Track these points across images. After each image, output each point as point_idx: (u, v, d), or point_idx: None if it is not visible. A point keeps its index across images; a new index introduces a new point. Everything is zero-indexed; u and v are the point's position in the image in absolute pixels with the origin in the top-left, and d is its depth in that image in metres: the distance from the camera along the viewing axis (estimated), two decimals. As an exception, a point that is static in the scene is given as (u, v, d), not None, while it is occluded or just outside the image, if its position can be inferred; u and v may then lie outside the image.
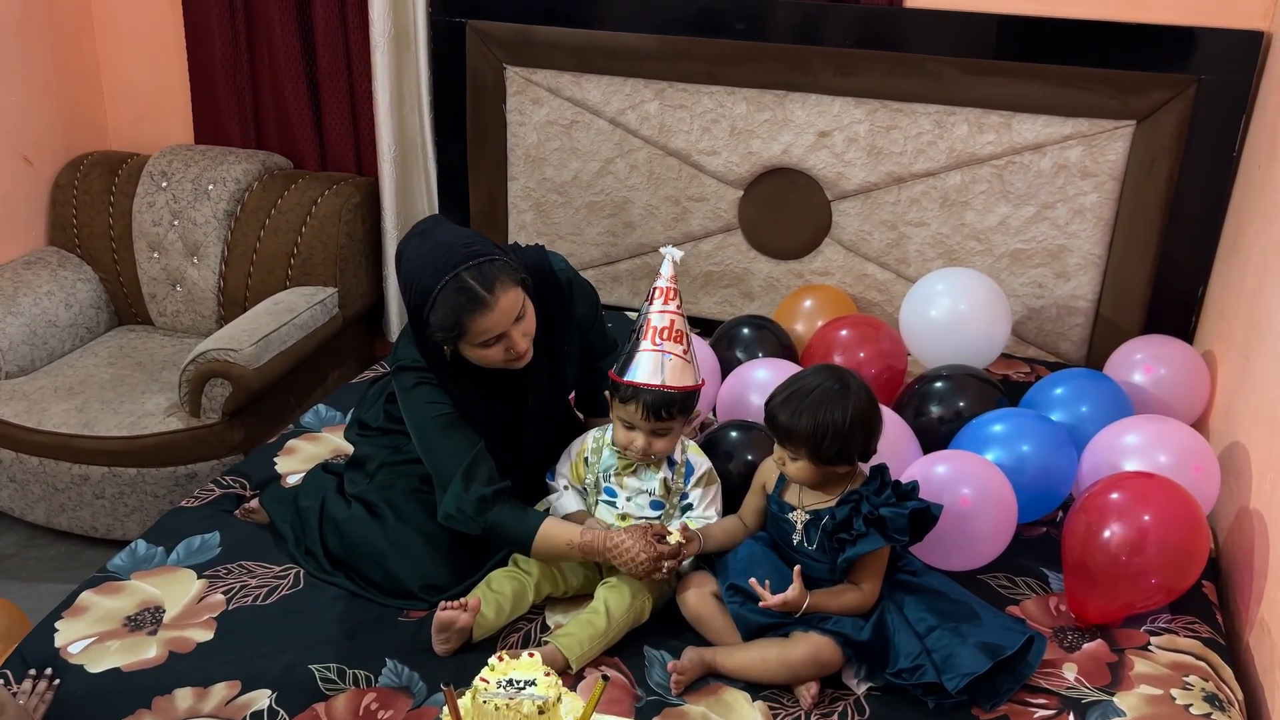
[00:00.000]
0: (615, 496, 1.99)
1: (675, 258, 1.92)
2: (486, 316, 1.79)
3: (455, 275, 1.77)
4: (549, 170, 3.11)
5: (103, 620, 1.88)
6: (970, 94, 2.71)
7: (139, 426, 2.81)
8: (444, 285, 1.78)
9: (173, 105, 3.48)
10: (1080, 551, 1.93)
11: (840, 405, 1.77)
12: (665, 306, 1.89)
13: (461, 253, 1.80)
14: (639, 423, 1.89)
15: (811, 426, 1.77)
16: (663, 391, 1.86)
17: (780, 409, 1.81)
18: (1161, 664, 1.84)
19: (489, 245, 1.85)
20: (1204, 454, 2.14)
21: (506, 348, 1.84)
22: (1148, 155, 2.64)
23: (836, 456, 1.80)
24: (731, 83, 2.87)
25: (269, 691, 1.73)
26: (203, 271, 3.27)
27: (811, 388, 1.80)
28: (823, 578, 1.85)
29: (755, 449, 2.15)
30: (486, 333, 1.81)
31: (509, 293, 1.80)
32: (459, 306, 1.78)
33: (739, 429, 2.20)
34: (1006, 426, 2.19)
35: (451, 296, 1.78)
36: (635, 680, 1.80)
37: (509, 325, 1.82)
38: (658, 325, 1.88)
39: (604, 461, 2.00)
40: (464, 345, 1.84)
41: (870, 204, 2.89)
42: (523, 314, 1.85)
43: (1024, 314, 2.86)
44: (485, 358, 1.85)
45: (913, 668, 1.74)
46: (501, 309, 1.80)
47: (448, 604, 1.81)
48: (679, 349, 1.88)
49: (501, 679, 1.53)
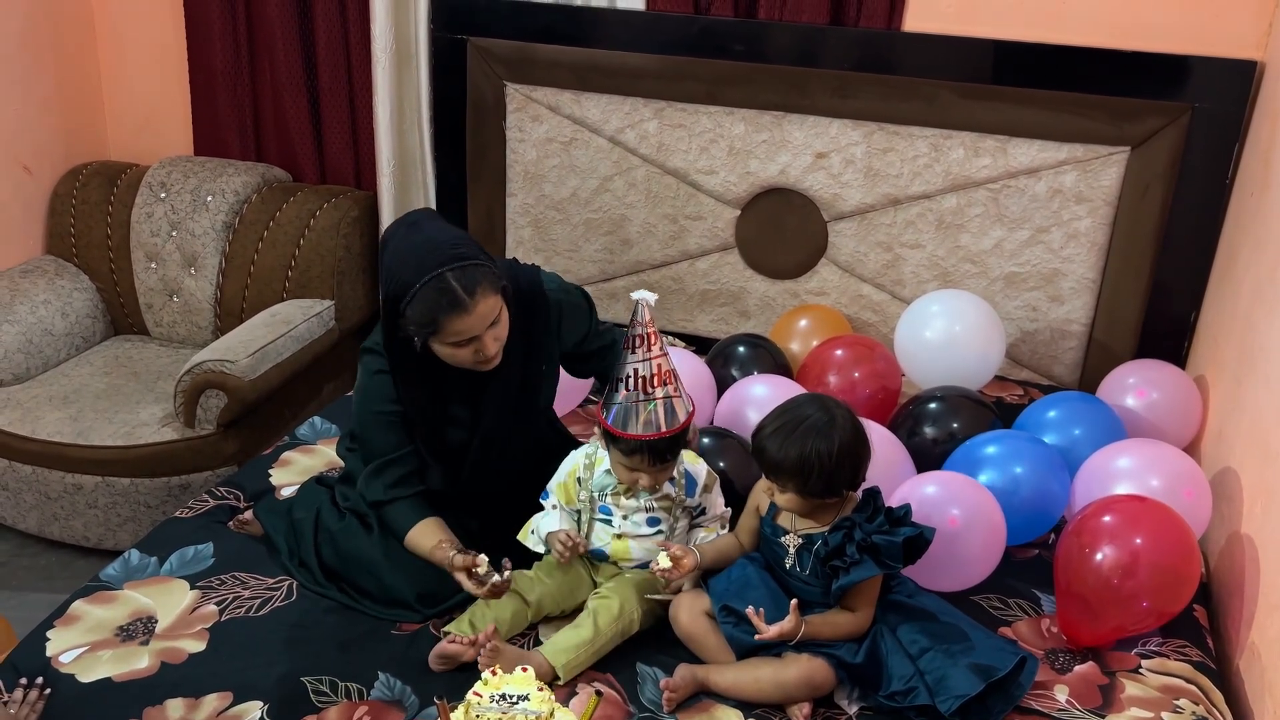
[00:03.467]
0: (611, 515, 1.99)
1: (649, 301, 1.88)
2: (463, 319, 1.79)
3: (438, 274, 1.78)
4: (547, 187, 3.13)
5: (95, 630, 1.88)
6: (966, 118, 2.73)
7: (133, 436, 2.81)
8: (425, 283, 1.78)
9: (173, 116, 3.50)
10: (1072, 574, 1.94)
11: (826, 438, 1.76)
12: (649, 354, 1.86)
13: (448, 253, 1.80)
14: (644, 469, 1.90)
15: (798, 460, 1.75)
16: (664, 438, 1.86)
17: (768, 441, 1.79)
18: (1152, 687, 1.85)
19: (475, 249, 1.85)
20: (1196, 479, 2.15)
21: (476, 350, 1.85)
22: (1142, 181, 2.67)
23: (823, 490, 1.79)
24: (730, 103, 2.89)
25: (261, 703, 1.73)
26: (200, 282, 3.27)
27: (798, 420, 1.78)
28: (815, 601, 1.85)
29: (725, 456, 2.18)
30: (460, 334, 1.81)
31: (488, 298, 1.81)
32: (437, 306, 1.78)
33: (713, 436, 2.21)
34: (1000, 448, 2.20)
35: (431, 295, 1.78)
36: (627, 697, 1.80)
37: (483, 329, 1.83)
38: (646, 375, 1.85)
39: (598, 480, 1.99)
40: (435, 342, 1.85)
41: (866, 225, 2.91)
42: (498, 320, 1.85)
43: (1018, 337, 2.88)
44: (454, 356, 1.86)
45: (906, 690, 1.74)
46: (479, 313, 1.80)
47: (456, 637, 1.81)
48: (669, 389, 1.87)
49: (495, 693, 1.54)
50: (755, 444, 1.83)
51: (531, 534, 2.01)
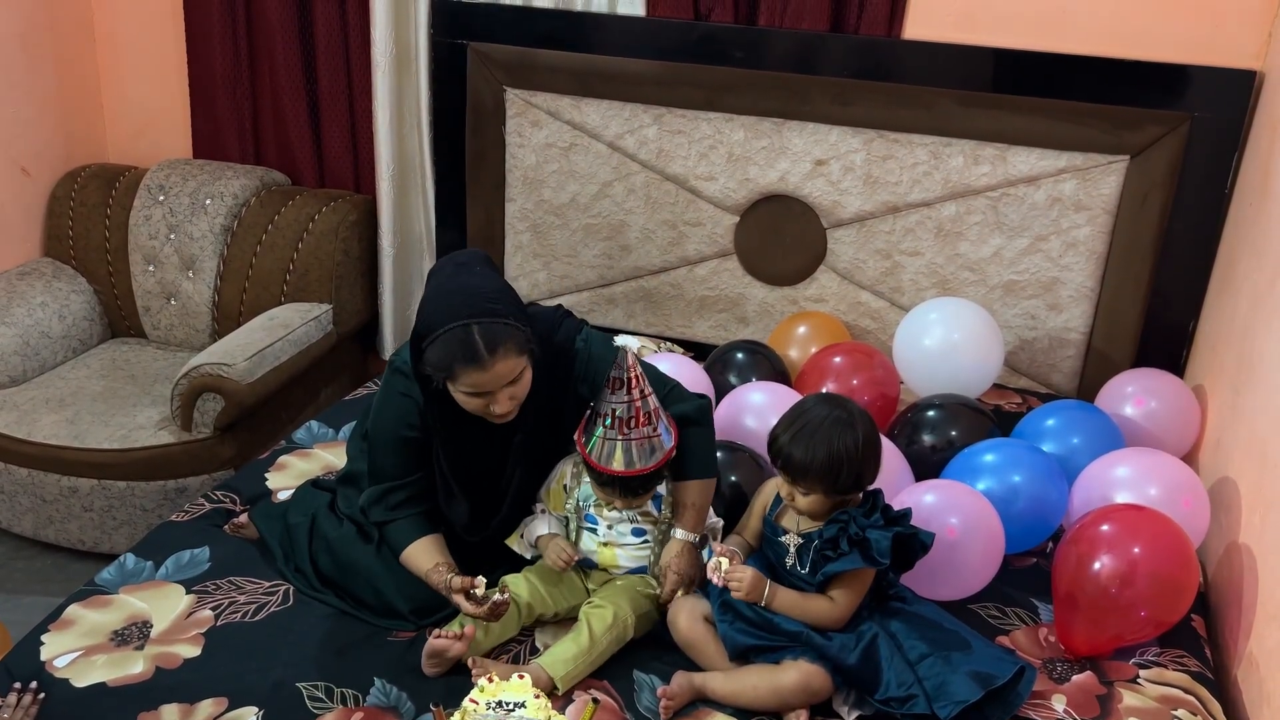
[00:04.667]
0: (597, 524, 1.99)
1: (632, 349, 1.92)
2: (478, 374, 1.77)
3: (465, 324, 1.76)
4: (547, 192, 3.13)
5: (90, 634, 1.87)
6: (966, 126, 2.74)
7: (130, 439, 2.81)
8: (449, 329, 1.77)
9: (172, 119, 3.49)
10: (1070, 583, 1.94)
11: (850, 433, 1.78)
12: (628, 397, 1.87)
13: (482, 305, 1.78)
14: (617, 499, 1.93)
15: (826, 459, 1.76)
16: (637, 476, 1.88)
17: (793, 446, 1.79)
18: (1150, 697, 1.85)
19: (512, 307, 1.83)
20: (1194, 488, 2.15)
21: (489, 404, 1.83)
22: (1141, 190, 2.67)
23: (852, 486, 1.81)
24: (730, 110, 2.89)
25: (256, 709, 1.72)
26: (198, 286, 3.27)
27: (819, 420, 1.79)
28: (816, 600, 1.86)
29: (740, 470, 2.18)
30: (474, 386, 1.80)
31: (509, 359, 1.78)
32: (455, 355, 1.77)
33: (724, 450, 2.21)
34: (998, 456, 2.20)
35: (452, 343, 1.77)
36: (624, 704, 1.79)
37: (498, 387, 1.81)
38: (623, 416, 1.87)
39: (583, 490, 2.00)
40: (450, 385, 1.84)
41: (865, 232, 2.91)
42: (517, 380, 1.83)
43: (1016, 345, 2.88)
44: (466, 403, 1.84)
45: (905, 697, 1.74)
46: (496, 372, 1.78)
47: (441, 632, 1.81)
48: (646, 430, 1.88)
49: (491, 700, 1.54)
50: (777, 450, 1.82)
51: (520, 538, 2.02)
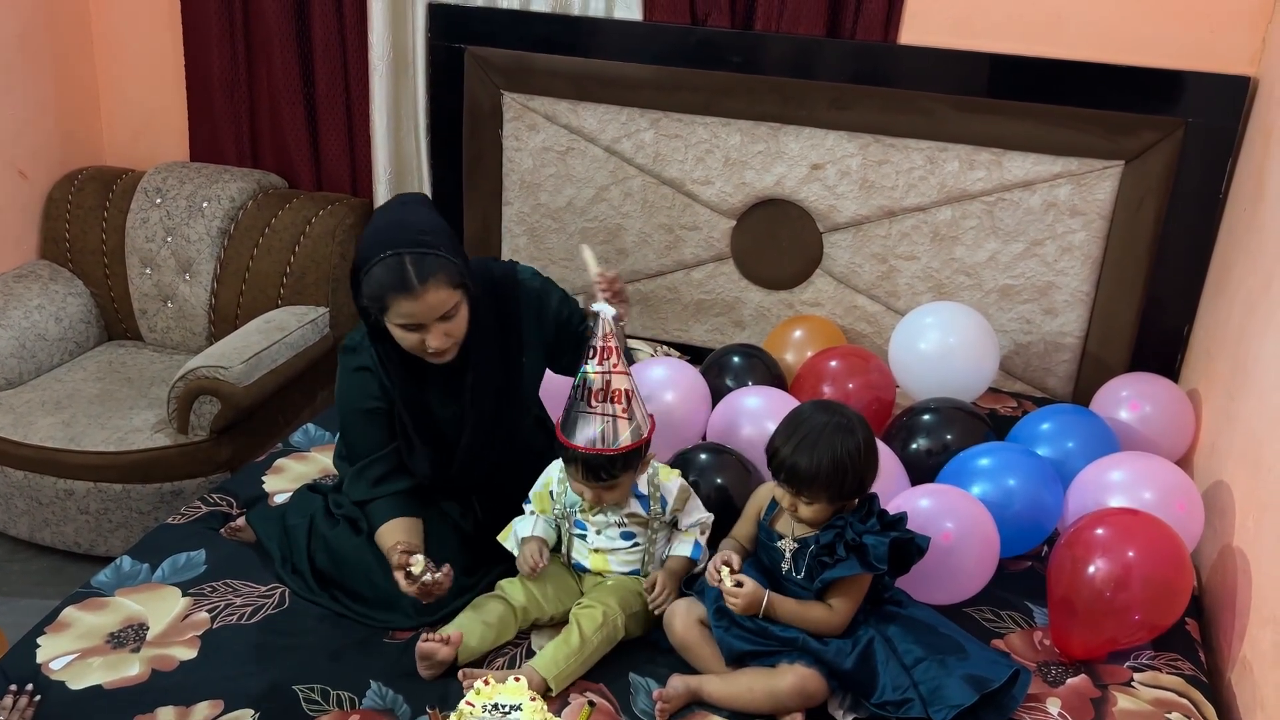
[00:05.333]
0: (586, 530, 1.99)
1: (608, 315, 1.86)
2: (409, 302, 1.82)
3: (396, 254, 1.81)
4: (543, 196, 3.13)
5: (85, 636, 1.87)
6: (962, 131, 2.74)
7: (126, 442, 2.80)
8: (381, 259, 1.82)
9: (169, 122, 3.50)
10: (1065, 586, 1.94)
11: (852, 439, 1.78)
12: (599, 367, 1.84)
13: (414, 237, 1.84)
14: (580, 481, 1.90)
15: (832, 466, 1.76)
16: (600, 455, 1.85)
17: (797, 456, 1.78)
18: (1144, 700, 1.85)
19: (446, 240, 1.88)
20: (1188, 492, 2.16)
21: (422, 339, 1.87)
22: (1136, 195, 2.68)
23: (856, 489, 1.81)
24: (726, 114, 2.90)
25: (252, 711, 1.72)
26: (194, 288, 3.27)
27: (819, 427, 1.79)
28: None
29: (726, 473, 2.18)
30: (407, 317, 1.84)
31: (440, 290, 1.83)
32: (387, 284, 1.82)
33: (709, 452, 2.22)
34: (993, 460, 2.20)
35: (384, 272, 1.82)
36: (620, 707, 1.79)
37: (431, 319, 1.85)
38: (594, 386, 1.85)
39: (569, 496, 1.98)
40: (387, 320, 1.88)
41: (861, 237, 2.91)
42: (451, 315, 1.87)
43: (1011, 349, 2.88)
44: (403, 339, 1.89)
45: (900, 700, 1.75)
46: (427, 301, 1.82)
47: (430, 635, 1.82)
48: (616, 409, 1.85)
49: (487, 703, 1.54)
50: (780, 462, 1.81)
51: (511, 537, 2.02)
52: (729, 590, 1.81)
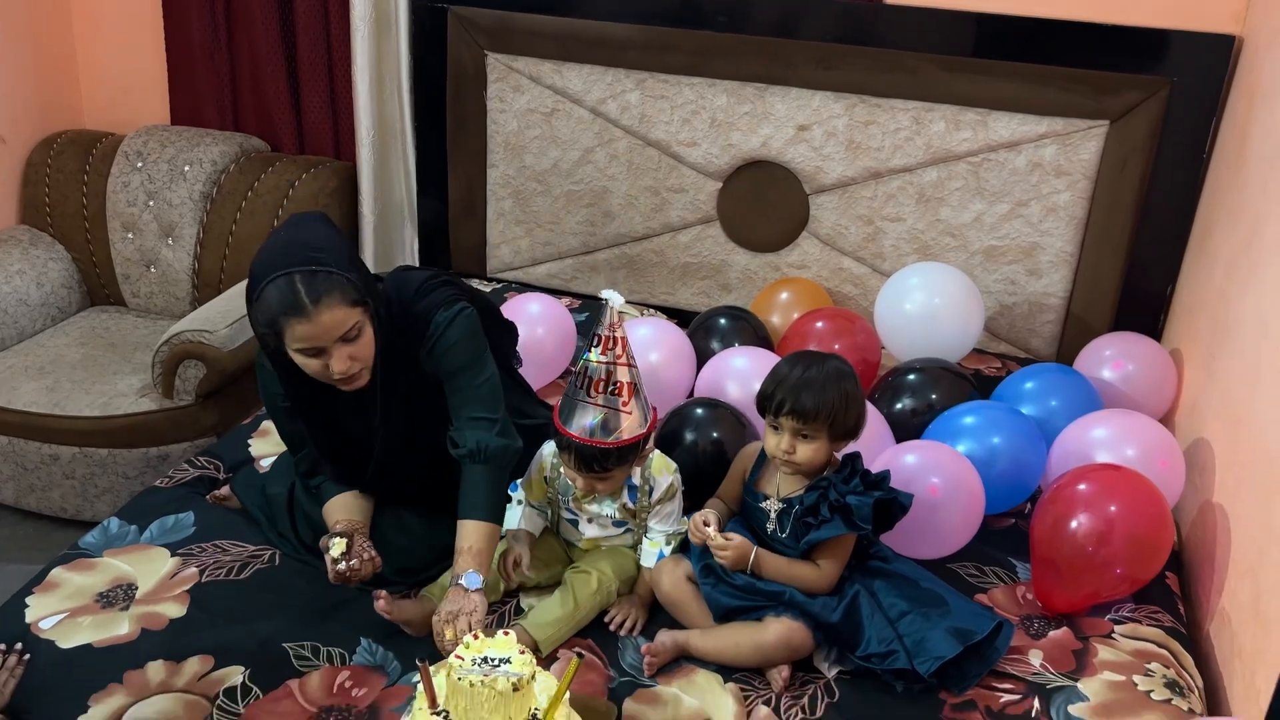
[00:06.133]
0: (577, 518, 1.99)
1: (616, 304, 1.81)
2: (304, 325, 1.68)
3: (286, 274, 1.68)
4: (529, 158, 3.12)
5: (74, 596, 1.88)
6: (948, 91, 2.74)
7: (111, 407, 2.80)
8: (271, 280, 1.68)
9: (148, 86, 3.46)
10: (1048, 541, 1.97)
11: (850, 380, 1.85)
12: (602, 357, 1.81)
13: (304, 255, 1.70)
14: (572, 469, 1.88)
15: (838, 399, 1.81)
16: (594, 447, 1.81)
17: (801, 392, 1.80)
18: (1125, 651, 1.88)
19: (341, 258, 1.74)
20: (1170, 449, 2.18)
21: (325, 364, 1.74)
22: (1120, 155, 2.69)
23: (852, 430, 1.85)
24: (712, 74, 2.88)
25: (242, 668, 1.73)
26: (177, 253, 3.25)
27: (821, 368, 1.83)
28: (796, 565, 1.88)
29: (721, 427, 2.19)
30: (304, 341, 1.70)
31: (335, 310, 1.69)
32: (277, 307, 1.68)
33: (705, 407, 2.22)
34: (978, 419, 2.22)
35: (274, 294, 1.68)
36: (608, 661, 1.81)
37: (329, 342, 1.71)
38: (594, 376, 1.81)
39: (563, 482, 1.96)
40: (285, 345, 1.73)
41: (847, 198, 2.91)
42: (354, 336, 1.73)
43: (996, 310, 2.90)
44: (307, 366, 1.75)
45: (885, 653, 1.77)
46: (321, 323, 1.68)
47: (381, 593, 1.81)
48: (617, 401, 1.81)
49: (476, 656, 1.54)
50: (781, 400, 1.81)
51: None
52: (717, 544, 1.82)
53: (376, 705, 1.69)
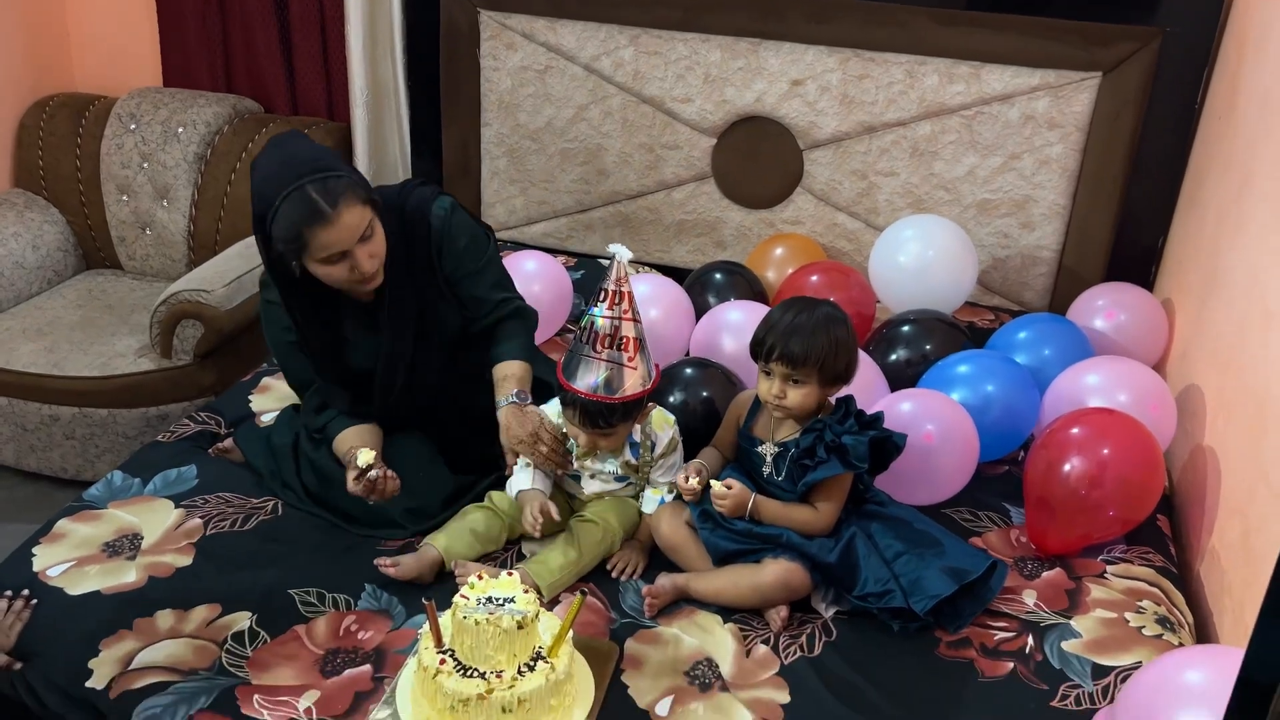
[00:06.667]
0: (579, 475, 2.00)
1: (623, 259, 1.82)
2: (328, 231, 1.76)
3: (299, 187, 1.74)
4: (522, 116, 3.11)
5: (81, 546, 1.90)
6: (941, 44, 2.74)
7: (109, 367, 2.81)
8: (286, 196, 1.74)
9: (140, 48, 3.44)
10: (1041, 484, 1.99)
11: (842, 325, 1.85)
12: (609, 312, 1.81)
13: (308, 165, 1.77)
14: (576, 425, 1.89)
15: (827, 344, 1.81)
16: (600, 402, 1.83)
17: (791, 340, 1.81)
18: (1117, 590, 1.91)
19: (338, 162, 1.83)
20: (1161, 394, 2.21)
21: (351, 266, 1.81)
22: (1113, 107, 2.70)
23: (842, 375, 1.86)
24: (706, 30, 2.88)
25: (249, 614, 1.76)
26: (172, 215, 3.25)
27: (812, 313, 1.84)
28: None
29: (711, 385, 2.20)
30: (328, 248, 1.78)
31: (353, 209, 1.77)
32: (299, 218, 1.75)
33: (695, 367, 2.24)
34: (971, 367, 2.24)
35: (292, 208, 1.75)
36: (609, 604, 1.84)
37: (352, 243, 1.79)
38: (600, 331, 1.82)
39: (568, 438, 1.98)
40: (307, 260, 1.81)
41: (841, 153, 2.92)
42: (369, 234, 1.82)
43: (989, 264, 2.91)
44: (330, 275, 1.82)
45: (881, 592, 1.80)
46: (344, 224, 1.76)
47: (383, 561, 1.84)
48: (623, 357, 1.82)
49: (481, 596, 1.57)
50: (771, 345, 1.83)
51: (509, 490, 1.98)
52: (717, 493, 1.84)
53: (382, 648, 1.72)
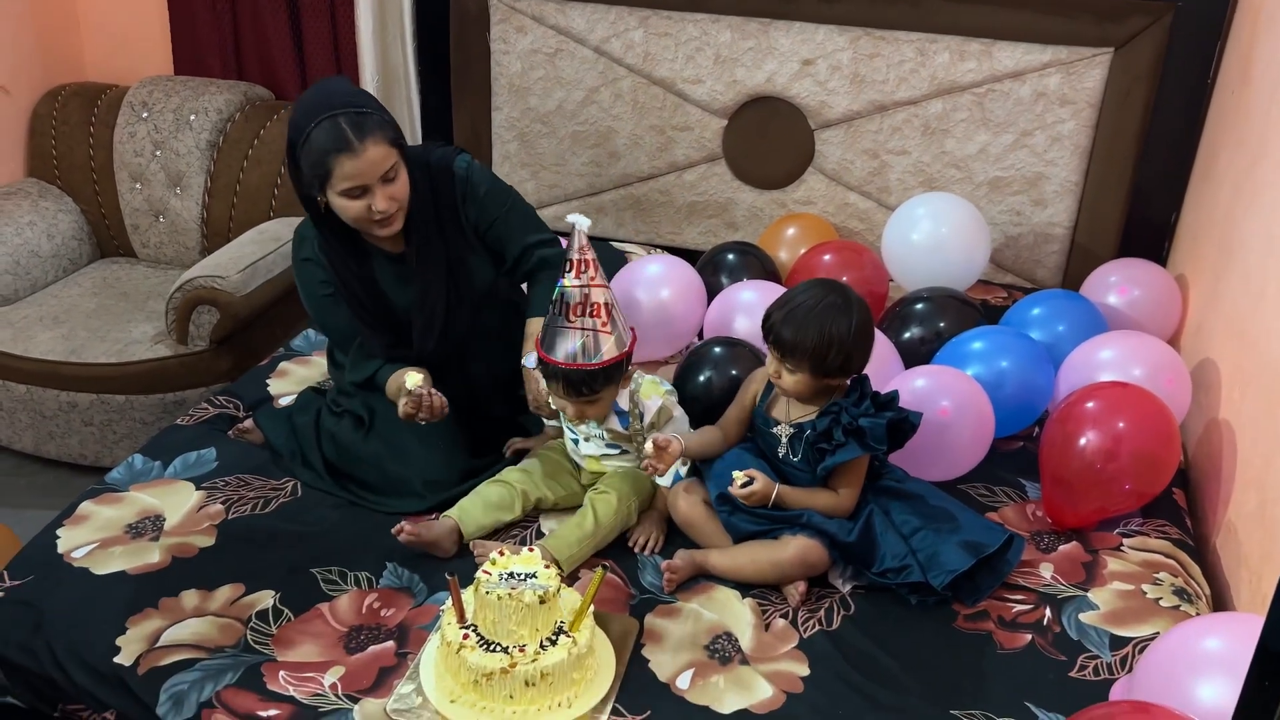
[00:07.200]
0: (577, 437, 2.02)
1: (583, 227, 1.84)
2: (352, 161, 1.84)
3: (331, 116, 1.84)
4: (533, 100, 3.12)
5: (104, 528, 1.92)
6: (952, 21, 2.74)
7: (126, 354, 2.82)
8: (318, 124, 1.84)
9: (150, 36, 3.45)
10: (1057, 458, 2.00)
11: (845, 318, 1.79)
12: (576, 281, 1.83)
13: (343, 99, 1.87)
14: (561, 395, 1.91)
15: (817, 339, 1.78)
16: (581, 370, 1.85)
17: (784, 324, 1.81)
18: (1133, 563, 1.92)
19: (376, 105, 1.92)
20: (1176, 368, 2.21)
21: (369, 205, 1.89)
22: (1125, 83, 2.69)
23: (839, 369, 1.82)
24: (716, 10, 2.88)
25: (273, 592, 1.78)
26: (186, 202, 3.26)
27: (814, 301, 1.81)
28: (809, 487, 1.90)
29: (739, 364, 2.19)
30: (350, 179, 1.85)
31: (379, 146, 1.86)
32: (327, 147, 1.84)
33: (723, 345, 2.24)
34: (986, 343, 2.24)
35: (322, 136, 1.84)
36: (629, 580, 1.85)
37: (374, 179, 1.87)
38: (570, 302, 1.84)
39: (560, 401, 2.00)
40: (330, 192, 1.89)
41: (853, 133, 2.92)
42: (392, 176, 1.89)
43: (1002, 241, 2.91)
44: (348, 210, 1.90)
45: (899, 568, 1.81)
46: (369, 158, 1.84)
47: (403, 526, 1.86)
48: (596, 322, 1.85)
49: (503, 572, 1.59)
50: (769, 326, 1.83)
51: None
52: (739, 492, 1.81)
53: (405, 624, 1.74)
